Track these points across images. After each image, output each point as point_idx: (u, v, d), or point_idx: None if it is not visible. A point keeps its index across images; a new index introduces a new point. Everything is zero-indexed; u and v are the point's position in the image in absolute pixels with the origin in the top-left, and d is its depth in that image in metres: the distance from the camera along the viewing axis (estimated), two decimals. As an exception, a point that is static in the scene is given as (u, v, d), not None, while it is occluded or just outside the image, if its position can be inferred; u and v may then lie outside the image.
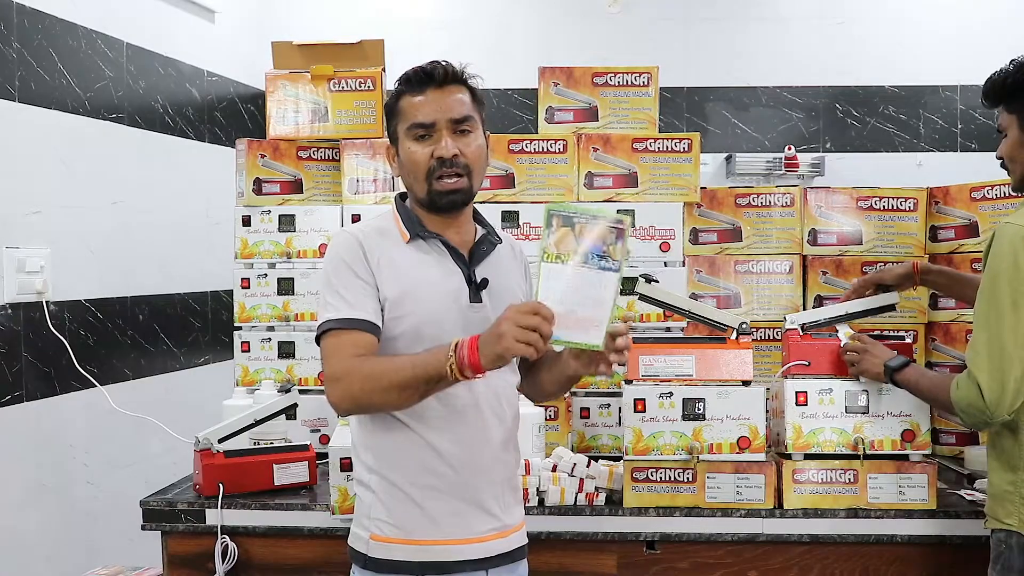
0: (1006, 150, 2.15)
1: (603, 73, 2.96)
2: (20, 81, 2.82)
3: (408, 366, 1.76)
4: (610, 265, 1.69)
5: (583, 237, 1.68)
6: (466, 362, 1.68)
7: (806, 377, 2.42)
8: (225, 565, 2.38)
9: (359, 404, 1.82)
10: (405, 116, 1.90)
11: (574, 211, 1.68)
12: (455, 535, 1.86)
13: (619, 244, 1.70)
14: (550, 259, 1.68)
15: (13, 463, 2.78)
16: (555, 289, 1.68)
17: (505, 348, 1.64)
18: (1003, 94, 2.13)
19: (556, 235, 1.68)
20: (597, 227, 1.68)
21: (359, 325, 1.82)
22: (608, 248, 1.69)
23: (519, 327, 1.63)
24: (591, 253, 1.69)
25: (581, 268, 1.68)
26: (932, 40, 4.60)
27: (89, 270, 3.13)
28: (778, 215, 2.94)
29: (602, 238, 1.69)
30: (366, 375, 1.77)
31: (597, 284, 1.69)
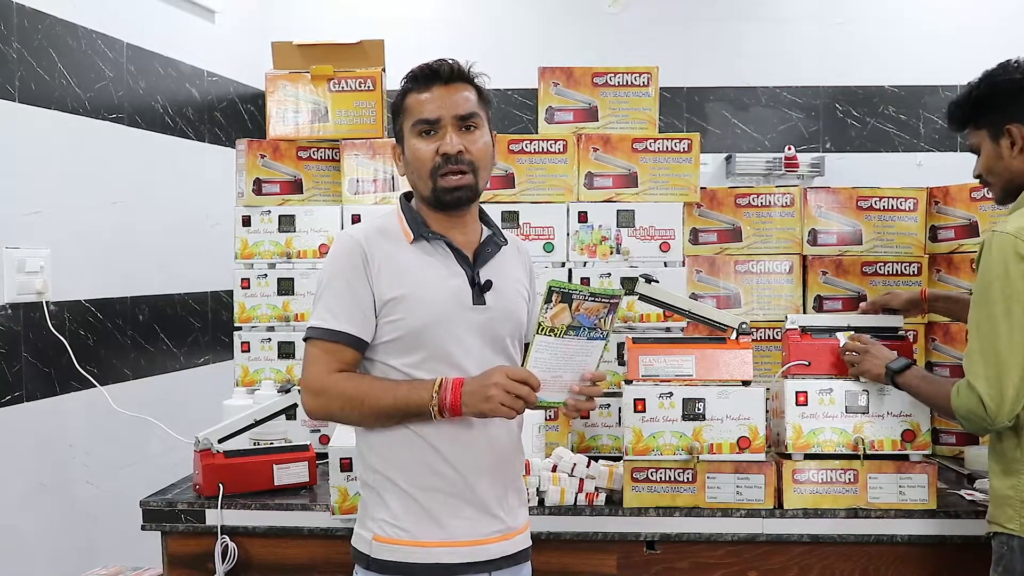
0: (983, 166, 2.15)
1: (603, 73, 2.96)
2: (20, 81, 2.82)
3: (390, 396, 1.82)
4: (598, 335, 1.80)
5: (579, 313, 1.77)
6: (447, 405, 1.79)
7: (806, 377, 2.42)
8: (225, 565, 2.38)
9: (333, 418, 1.94)
10: (411, 113, 1.90)
11: (575, 289, 1.76)
12: (458, 537, 1.86)
13: (610, 317, 1.80)
14: (544, 332, 1.77)
15: (13, 463, 2.78)
16: (544, 359, 1.78)
17: (490, 409, 1.76)
18: (969, 113, 2.15)
19: (554, 310, 1.76)
20: (593, 303, 1.77)
21: (342, 339, 1.85)
22: (599, 321, 1.79)
23: (507, 393, 1.75)
24: (583, 326, 1.78)
25: (573, 340, 1.78)
26: (932, 40, 4.60)
27: (89, 270, 3.13)
28: (778, 215, 2.94)
29: (596, 312, 1.78)
30: (347, 397, 1.84)
31: (585, 352, 1.80)
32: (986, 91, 2.12)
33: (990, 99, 2.11)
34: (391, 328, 1.86)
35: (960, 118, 2.19)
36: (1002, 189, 2.14)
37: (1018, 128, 2.07)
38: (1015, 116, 2.08)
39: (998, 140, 2.10)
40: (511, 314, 1.94)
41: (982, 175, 2.18)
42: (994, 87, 2.11)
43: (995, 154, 2.11)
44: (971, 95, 2.14)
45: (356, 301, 1.86)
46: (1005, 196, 2.15)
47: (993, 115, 2.10)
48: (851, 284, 2.86)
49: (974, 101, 2.13)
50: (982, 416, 1.99)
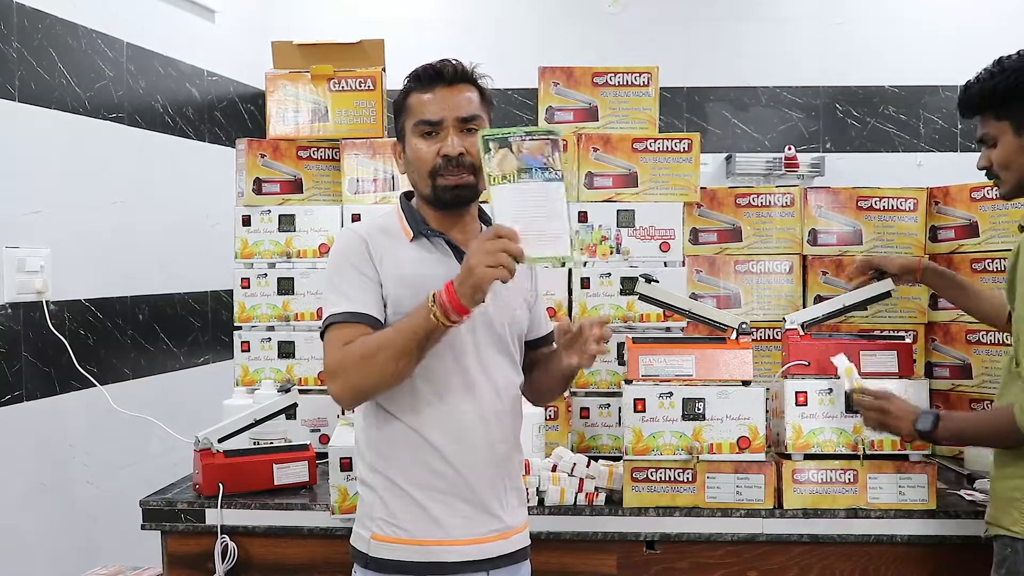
0: (998, 158, 2.08)
1: (603, 73, 2.96)
2: (20, 81, 2.82)
3: (394, 334, 1.76)
4: (553, 175, 1.73)
5: (522, 154, 1.71)
6: (449, 307, 1.70)
7: (806, 377, 2.42)
8: (225, 565, 2.38)
9: (359, 390, 1.82)
10: (413, 113, 1.90)
11: (507, 132, 1.71)
12: (457, 536, 1.86)
13: (556, 155, 1.73)
14: (496, 182, 1.70)
15: (13, 463, 2.78)
16: (507, 209, 1.70)
17: (478, 277, 1.67)
18: (991, 101, 2.06)
19: (496, 157, 1.70)
20: (533, 142, 1.71)
21: (360, 319, 1.83)
22: (548, 160, 1.72)
23: (486, 253, 1.66)
24: (533, 167, 1.71)
25: (527, 183, 1.71)
26: (932, 40, 4.60)
27: (89, 270, 3.13)
28: (778, 215, 2.94)
29: (540, 151, 1.71)
30: (359, 358, 1.77)
31: (546, 195, 1.72)
32: (1016, 81, 2.02)
33: (1019, 90, 2.02)
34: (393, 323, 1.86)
35: (977, 104, 2.09)
36: (1015, 183, 2.08)
37: None
38: None
39: (1022, 133, 2.03)
40: (511, 311, 1.94)
41: (992, 167, 2.10)
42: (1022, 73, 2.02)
43: (1017, 147, 2.04)
44: (996, 83, 2.04)
45: (369, 285, 1.85)
46: (1015, 190, 2.10)
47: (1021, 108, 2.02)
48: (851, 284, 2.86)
49: (1001, 90, 2.04)
50: None
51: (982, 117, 2.10)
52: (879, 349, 2.44)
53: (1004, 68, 2.05)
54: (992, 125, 2.08)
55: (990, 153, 2.11)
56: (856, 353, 2.43)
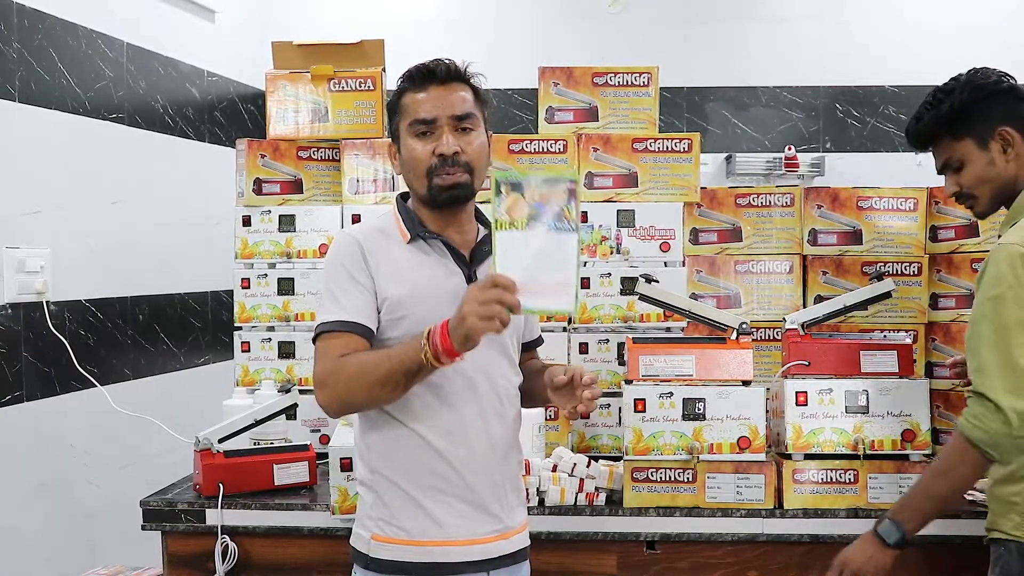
0: (969, 178, 2.07)
1: (603, 73, 2.96)
2: (20, 81, 2.82)
3: (385, 360, 1.77)
4: (567, 227, 1.64)
5: (536, 201, 1.63)
6: (440, 348, 1.69)
7: (806, 377, 2.42)
8: (225, 565, 2.38)
9: (346, 404, 1.85)
10: (407, 112, 1.90)
11: (523, 176, 1.64)
12: (456, 536, 1.86)
13: (572, 204, 1.64)
14: (503, 227, 1.63)
15: (13, 463, 2.78)
16: (514, 257, 1.63)
17: (469, 327, 1.64)
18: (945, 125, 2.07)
19: (507, 201, 1.63)
20: (548, 189, 1.63)
21: (350, 328, 1.84)
22: (563, 208, 1.64)
23: (480, 303, 1.62)
24: (546, 216, 1.64)
25: (538, 232, 1.63)
26: (932, 40, 4.60)
27: (89, 270, 3.13)
28: (778, 215, 2.93)
29: (555, 200, 1.64)
30: (348, 375, 1.79)
31: (557, 247, 1.64)
32: (969, 97, 2.05)
33: (974, 105, 2.05)
34: (390, 327, 1.87)
35: (932, 131, 2.11)
36: (991, 198, 2.08)
37: (1010, 130, 2.03)
38: (1004, 119, 2.04)
39: (987, 146, 2.04)
40: None
41: (964, 188, 2.10)
42: (977, 92, 2.06)
43: (985, 160, 2.05)
44: (946, 106, 2.07)
45: (362, 293, 1.86)
46: (992, 205, 2.10)
47: (980, 121, 2.04)
48: (851, 284, 2.86)
49: (956, 110, 2.06)
50: (1007, 432, 1.88)
51: (937, 146, 2.11)
52: (879, 349, 2.44)
53: (948, 91, 2.09)
54: (953, 148, 2.09)
55: (957, 177, 2.11)
56: (856, 353, 2.44)
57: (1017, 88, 2.06)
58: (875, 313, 2.86)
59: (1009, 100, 2.05)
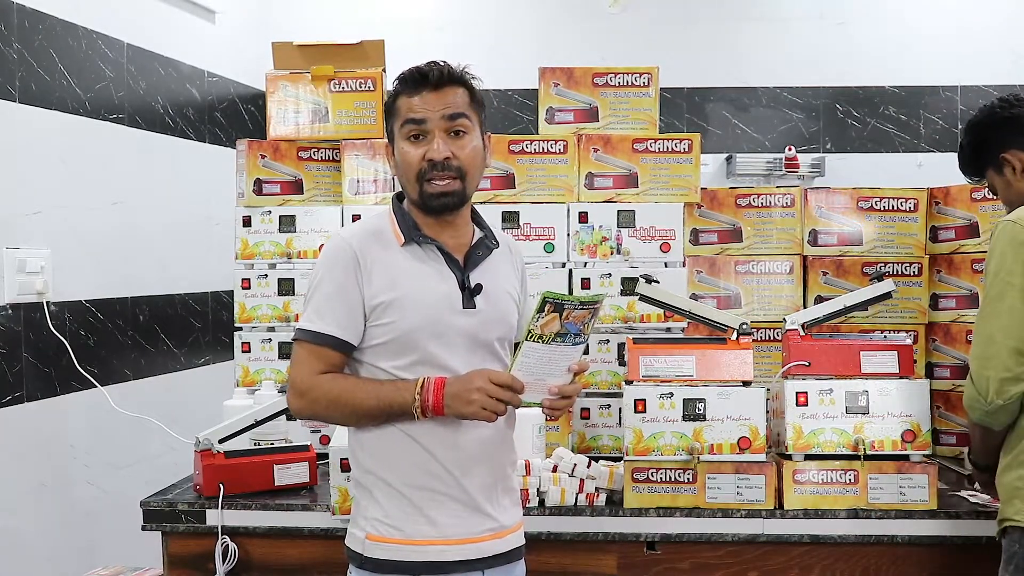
0: (1003, 199, 2.32)
1: (603, 73, 2.96)
2: (20, 81, 2.82)
3: (373, 398, 1.84)
4: (581, 340, 1.83)
5: (567, 321, 1.79)
6: (429, 406, 1.81)
7: (806, 377, 2.42)
8: (225, 566, 2.38)
9: (317, 418, 1.98)
10: (399, 116, 1.90)
11: (567, 300, 1.78)
12: (451, 535, 1.86)
13: (592, 320, 1.83)
14: (533, 339, 1.79)
15: (13, 463, 2.78)
16: (530, 364, 1.81)
17: (472, 413, 1.79)
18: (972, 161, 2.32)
19: (544, 319, 1.78)
20: (581, 311, 1.79)
21: (328, 342, 1.87)
22: (584, 326, 1.81)
23: (489, 398, 1.77)
24: (569, 334, 1.81)
25: (559, 346, 1.81)
26: (932, 40, 4.59)
27: (89, 270, 3.13)
28: (778, 216, 2.94)
29: (582, 319, 1.80)
30: (331, 398, 1.86)
31: (567, 356, 1.83)
32: (972, 136, 2.31)
33: (980, 139, 2.28)
34: (381, 331, 1.86)
35: (968, 169, 2.36)
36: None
37: (1013, 154, 2.21)
38: (1005, 144, 2.22)
39: (1002, 171, 2.25)
40: (501, 318, 1.94)
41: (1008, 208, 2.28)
42: (979, 126, 2.30)
43: (1005, 184, 2.26)
44: (964, 145, 2.33)
45: (344, 303, 1.87)
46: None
47: (988, 153, 2.26)
48: (852, 285, 2.86)
49: (969, 148, 2.32)
50: (975, 398, 2.06)
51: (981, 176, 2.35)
52: (879, 350, 2.44)
53: (965, 128, 2.36)
54: (987, 177, 2.32)
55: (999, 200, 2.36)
56: (856, 353, 2.44)
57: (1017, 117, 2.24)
58: (875, 313, 2.87)
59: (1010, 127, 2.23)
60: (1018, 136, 2.22)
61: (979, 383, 2.04)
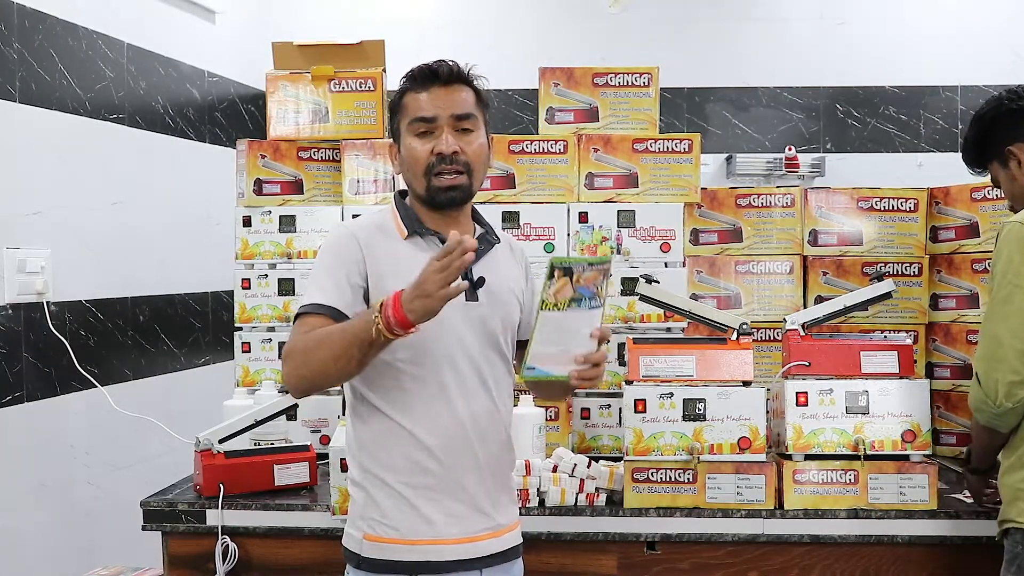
0: (1006, 193, 2.26)
1: (603, 73, 2.96)
2: (21, 82, 2.82)
3: (338, 333, 1.76)
4: (597, 303, 1.78)
5: (580, 284, 1.75)
6: (392, 322, 1.68)
7: (806, 377, 2.42)
8: (225, 566, 2.38)
9: (303, 379, 1.81)
10: (407, 111, 1.91)
11: (574, 262, 1.75)
12: (448, 535, 1.85)
13: (604, 283, 1.79)
14: (548, 307, 1.74)
15: (13, 463, 2.78)
16: (550, 333, 1.75)
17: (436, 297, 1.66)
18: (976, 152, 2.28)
19: (556, 286, 1.74)
20: (592, 272, 1.75)
21: (327, 311, 1.83)
22: (597, 289, 1.77)
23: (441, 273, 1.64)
24: (584, 297, 1.76)
25: (576, 311, 1.76)
26: (932, 40, 4.60)
27: (89, 270, 3.13)
28: (779, 216, 2.94)
29: (594, 280, 1.76)
30: (303, 350, 1.79)
31: (587, 322, 1.78)
32: (977, 127, 2.26)
33: (985, 132, 2.24)
34: None
35: (972, 160, 2.31)
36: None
37: (1019, 147, 2.18)
38: (1010, 138, 2.19)
39: (1007, 164, 2.21)
40: (503, 310, 1.94)
41: (1010, 202, 2.26)
42: (984, 119, 2.25)
43: (1009, 178, 2.21)
44: (969, 137, 2.29)
45: (347, 281, 1.85)
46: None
47: (993, 145, 2.22)
48: (852, 285, 2.86)
49: (973, 140, 2.27)
50: (983, 400, 2.04)
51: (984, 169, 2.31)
52: (879, 350, 2.44)
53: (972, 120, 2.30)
54: (990, 170, 2.28)
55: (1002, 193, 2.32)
56: (856, 353, 2.44)
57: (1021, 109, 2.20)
58: (875, 313, 2.87)
59: (1016, 120, 2.19)
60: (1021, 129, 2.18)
61: (987, 386, 2.03)
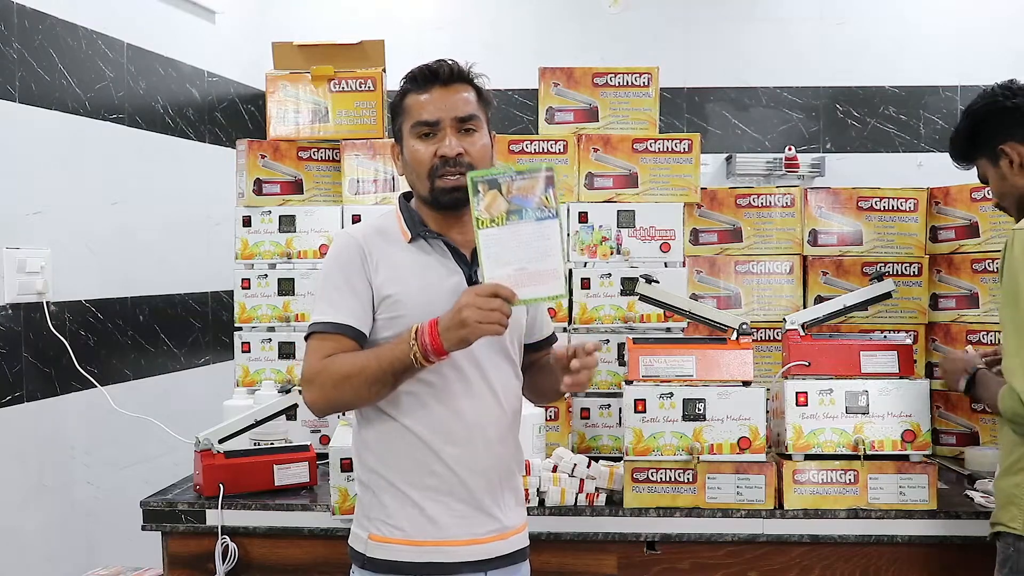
0: (994, 191, 2.22)
1: (603, 73, 2.96)
2: (21, 82, 2.82)
3: (374, 361, 1.79)
4: (547, 214, 1.70)
5: (513, 195, 1.68)
6: (429, 348, 1.74)
7: (806, 377, 2.42)
8: (225, 566, 2.38)
9: (332, 403, 1.86)
10: (410, 114, 1.90)
11: (496, 172, 1.67)
12: (454, 536, 1.85)
13: (550, 192, 1.69)
14: (485, 225, 1.68)
15: (13, 463, 2.78)
16: (499, 253, 1.68)
17: (469, 332, 1.71)
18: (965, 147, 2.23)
19: (485, 200, 1.67)
20: (526, 182, 1.68)
21: (342, 330, 1.85)
22: (542, 198, 1.68)
23: (480, 309, 1.69)
24: (525, 208, 1.68)
25: (519, 224, 1.68)
26: (932, 40, 4.59)
27: (89, 270, 3.13)
28: (778, 215, 2.94)
29: (531, 190, 1.68)
30: (336, 376, 1.81)
31: (540, 235, 1.69)
32: (969, 122, 2.21)
33: (977, 127, 2.19)
34: (389, 325, 1.86)
35: (959, 155, 2.27)
36: (1016, 208, 2.17)
37: (1011, 146, 2.13)
38: (1005, 136, 2.14)
39: (997, 163, 2.16)
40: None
41: (997, 200, 2.23)
42: (977, 114, 2.20)
43: (999, 176, 2.17)
44: (959, 130, 2.23)
45: (355, 296, 1.86)
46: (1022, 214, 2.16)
47: (984, 141, 2.17)
48: (852, 285, 2.86)
49: (964, 135, 2.22)
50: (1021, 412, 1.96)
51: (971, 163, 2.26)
52: (879, 350, 2.44)
53: (963, 113, 2.25)
54: (978, 166, 2.23)
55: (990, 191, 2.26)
56: (856, 353, 2.44)
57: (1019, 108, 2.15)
58: (875, 313, 2.87)
59: (1010, 117, 2.14)
60: (1018, 128, 2.13)
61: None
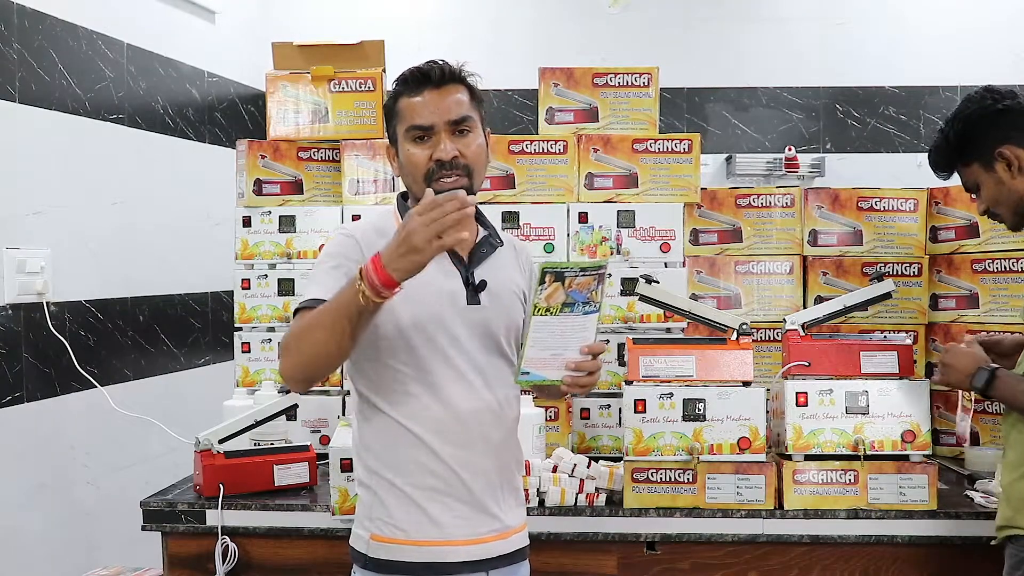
0: (988, 198, 2.12)
1: (603, 74, 2.96)
2: (20, 82, 2.82)
3: (326, 311, 1.74)
4: (592, 308, 1.79)
5: (571, 289, 1.76)
6: (377, 283, 1.66)
7: (806, 378, 2.42)
8: (225, 566, 2.38)
9: (303, 367, 1.78)
10: (403, 117, 1.90)
11: (567, 267, 1.75)
12: (455, 536, 1.86)
13: (600, 288, 1.79)
14: (540, 312, 1.75)
15: (13, 463, 2.78)
16: (544, 339, 1.77)
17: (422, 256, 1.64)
18: (952, 154, 2.14)
19: (548, 291, 1.74)
20: (584, 277, 1.76)
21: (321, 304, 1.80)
22: (591, 293, 1.78)
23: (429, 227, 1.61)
24: (578, 301, 1.77)
25: (569, 316, 1.77)
26: (932, 40, 4.59)
27: (89, 271, 3.13)
28: (778, 216, 2.94)
29: (587, 286, 1.77)
30: (299, 334, 1.76)
31: (581, 327, 1.79)
32: (962, 126, 2.11)
33: (970, 132, 2.10)
34: (387, 325, 1.86)
35: (945, 163, 2.17)
36: (1013, 214, 2.11)
37: (1010, 149, 2.06)
38: (1002, 138, 2.07)
39: (993, 167, 2.08)
40: (506, 314, 1.94)
41: (989, 208, 2.14)
42: (969, 119, 2.11)
43: (995, 181, 2.09)
44: (948, 137, 2.14)
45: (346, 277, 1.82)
46: (1018, 220, 2.11)
47: (978, 146, 2.09)
48: (852, 285, 2.86)
49: (955, 141, 2.12)
50: None
51: (956, 173, 2.17)
52: (879, 350, 2.44)
53: (950, 120, 2.15)
54: (966, 174, 2.15)
55: (979, 199, 2.16)
56: (856, 354, 2.44)
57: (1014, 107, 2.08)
58: (875, 314, 2.87)
59: (1005, 120, 2.08)
60: (1014, 130, 2.06)
61: None
